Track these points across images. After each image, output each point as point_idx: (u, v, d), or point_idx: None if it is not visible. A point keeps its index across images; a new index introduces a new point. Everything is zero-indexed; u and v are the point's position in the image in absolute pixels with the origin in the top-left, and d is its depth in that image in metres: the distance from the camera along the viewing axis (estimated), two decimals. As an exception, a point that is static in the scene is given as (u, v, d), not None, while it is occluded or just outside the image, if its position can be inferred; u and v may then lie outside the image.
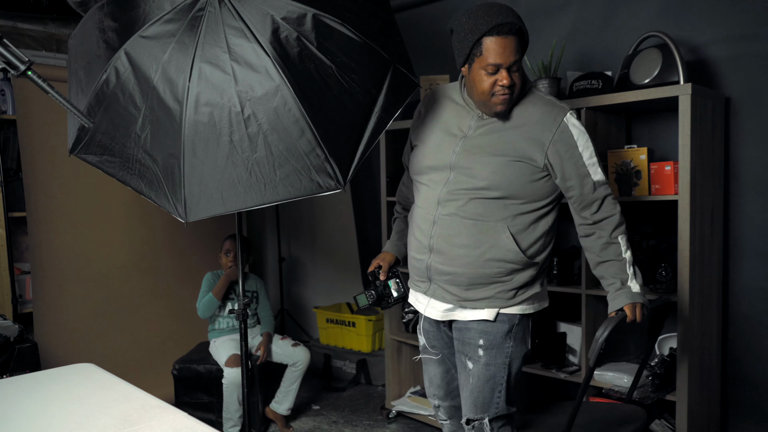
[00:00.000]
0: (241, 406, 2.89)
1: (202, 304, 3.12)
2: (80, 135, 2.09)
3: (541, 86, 2.58)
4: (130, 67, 1.94)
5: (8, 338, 2.57)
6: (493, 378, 1.78)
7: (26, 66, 1.29)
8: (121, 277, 3.44)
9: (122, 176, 2.04)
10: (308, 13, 1.88)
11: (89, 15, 2.09)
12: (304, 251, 4.51)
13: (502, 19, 1.66)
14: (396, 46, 2.07)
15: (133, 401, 1.52)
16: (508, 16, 1.67)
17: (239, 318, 2.41)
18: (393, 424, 3.20)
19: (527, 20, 3.13)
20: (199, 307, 3.13)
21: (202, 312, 3.13)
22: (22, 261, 3.54)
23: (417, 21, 3.57)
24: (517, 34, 1.68)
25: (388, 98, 1.99)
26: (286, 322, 4.42)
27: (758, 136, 2.39)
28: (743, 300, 2.47)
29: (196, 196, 1.92)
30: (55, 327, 3.20)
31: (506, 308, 1.78)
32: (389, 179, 3.23)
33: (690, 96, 2.13)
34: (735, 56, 2.42)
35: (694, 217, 2.19)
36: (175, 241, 3.64)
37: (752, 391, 2.45)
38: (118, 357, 3.37)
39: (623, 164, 2.35)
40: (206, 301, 3.11)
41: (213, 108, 1.88)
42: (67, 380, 1.72)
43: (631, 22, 2.68)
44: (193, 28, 1.89)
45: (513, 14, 1.69)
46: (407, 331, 3.27)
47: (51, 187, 3.19)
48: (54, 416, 1.45)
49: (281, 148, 1.87)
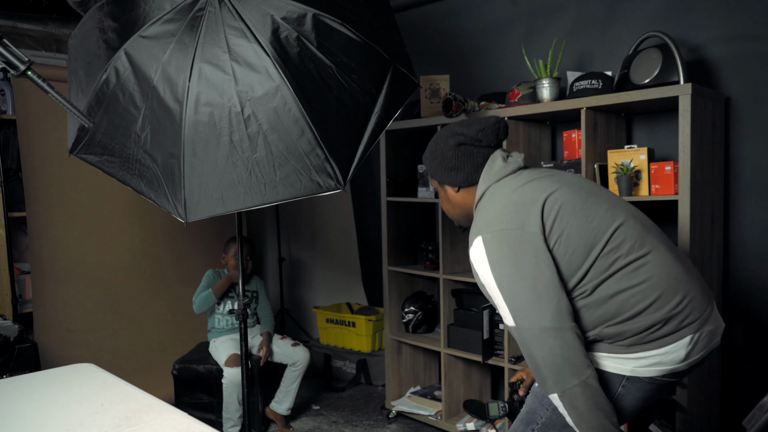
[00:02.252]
0: (240, 405, 2.88)
1: (199, 298, 3.11)
2: (80, 135, 2.09)
3: (542, 86, 2.58)
4: (130, 67, 1.94)
5: (8, 338, 2.57)
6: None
7: (26, 66, 1.29)
8: (121, 277, 3.44)
9: (122, 176, 2.04)
10: (308, 13, 1.88)
11: (89, 15, 2.09)
12: (304, 251, 4.51)
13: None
14: (396, 46, 2.07)
15: (133, 401, 1.52)
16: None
17: (239, 318, 2.41)
18: (393, 424, 3.20)
19: (527, 20, 3.16)
20: (195, 301, 3.12)
21: (197, 306, 3.12)
22: (22, 261, 3.54)
23: (417, 21, 3.57)
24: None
25: (388, 98, 1.99)
26: (286, 322, 4.42)
27: (758, 136, 2.39)
28: (743, 300, 2.47)
29: (196, 196, 1.92)
30: (55, 327, 3.20)
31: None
32: (389, 179, 3.23)
33: (690, 96, 2.13)
34: (735, 56, 2.42)
35: (694, 217, 2.19)
36: (175, 241, 3.64)
37: (752, 391, 2.44)
38: (118, 357, 3.37)
39: (623, 164, 2.35)
40: (204, 296, 3.10)
41: (213, 108, 1.88)
42: (67, 380, 1.72)
43: (631, 22, 2.68)
44: (193, 28, 1.90)
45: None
46: (407, 331, 3.28)
47: (51, 187, 3.19)
48: (54, 416, 1.45)
49: (281, 148, 1.87)
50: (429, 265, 3.18)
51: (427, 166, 1.76)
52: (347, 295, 4.22)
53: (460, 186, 1.69)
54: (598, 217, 1.50)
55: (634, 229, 1.50)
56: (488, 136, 1.66)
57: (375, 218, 3.83)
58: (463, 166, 1.67)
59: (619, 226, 1.49)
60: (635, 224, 1.52)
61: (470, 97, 2.99)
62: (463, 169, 1.67)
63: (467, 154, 1.67)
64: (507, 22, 3.16)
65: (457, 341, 2.97)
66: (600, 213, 1.51)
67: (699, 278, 1.56)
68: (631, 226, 1.51)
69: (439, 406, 3.13)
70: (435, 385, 3.44)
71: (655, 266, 1.47)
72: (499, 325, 2.80)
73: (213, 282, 3.15)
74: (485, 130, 1.66)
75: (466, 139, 1.66)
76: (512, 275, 1.47)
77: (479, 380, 3.21)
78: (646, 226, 1.55)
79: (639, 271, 1.46)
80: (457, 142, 1.67)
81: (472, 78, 3.28)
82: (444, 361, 3.01)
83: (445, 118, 2.82)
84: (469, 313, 2.96)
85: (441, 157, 1.70)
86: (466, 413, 3.04)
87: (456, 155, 1.67)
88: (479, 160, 1.67)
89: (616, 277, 1.46)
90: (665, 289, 1.46)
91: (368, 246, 4.06)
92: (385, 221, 3.24)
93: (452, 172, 1.69)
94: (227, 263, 3.20)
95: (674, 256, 1.52)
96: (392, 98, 2.00)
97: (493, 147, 1.69)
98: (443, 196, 1.77)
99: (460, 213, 1.75)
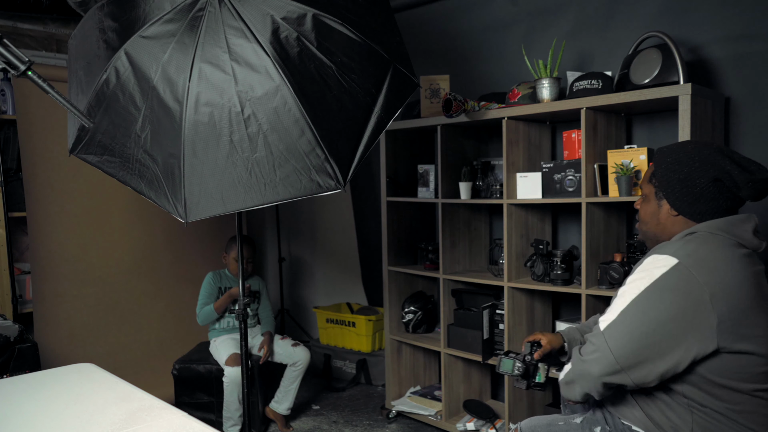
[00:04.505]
0: (241, 405, 2.89)
1: (202, 313, 3.14)
2: (80, 135, 2.09)
3: (542, 86, 2.58)
4: (130, 67, 1.94)
5: (8, 338, 2.57)
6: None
7: (26, 66, 1.29)
8: (121, 277, 3.44)
9: (122, 176, 2.04)
10: (308, 13, 1.88)
11: (89, 15, 2.09)
12: (304, 251, 4.51)
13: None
14: (396, 46, 2.07)
15: (133, 401, 1.52)
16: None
17: (239, 318, 2.41)
18: (393, 424, 3.20)
19: (527, 20, 3.16)
20: (198, 315, 3.15)
21: (201, 321, 3.16)
22: (22, 261, 3.54)
23: (417, 21, 3.57)
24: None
25: (388, 98, 1.99)
26: (286, 322, 4.42)
27: (758, 136, 2.39)
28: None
29: (196, 196, 1.92)
30: (55, 327, 3.20)
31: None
32: (389, 179, 3.23)
33: (690, 96, 2.12)
34: (735, 56, 2.42)
35: (694, 217, 2.19)
36: (175, 241, 3.64)
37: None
38: (118, 357, 3.37)
39: (623, 164, 2.35)
40: (206, 313, 3.13)
41: (213, 108, 1.88)
42: (67, 380, 1.73)
43: (631, 22, 2.68)
44: (193, 28, 1.90)
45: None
46: (407, 331, 3.28)
47: (51, 187, 3.19)
48: (54, 416, 1.45)
49: (281, 148, 1.87)
50: (429, 265, 3.18)
51: (660, 172, 1.55)
52: (347, 295, 4.22)
53: (683, 214, 1.52)
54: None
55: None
56: (755, 190, 1.46)
57: (375, 218, 3.83)
58: (705, 203, 1.48)
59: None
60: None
61: (470, 97, 2.99)
62: (702, 204, 1.49)
63: (719, 194, 1.47)
64: (507, 22, 3.16)
65: (457, 341, 2.97)
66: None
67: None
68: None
69: (439, 406, 3.13)
70: (435, 385, 3.44)
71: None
72: (499, 325, 2.80)
73: (213, 287, 3.16)
74: (756, 184, 1.45)
75: (728, 180, 1.46)
76: (648, 309, 1.39)
77: (479, 380, 3.21)
78: None
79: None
80: (716, 177, 1.46)
81: (472, 78, 3.28)
82: (444, 361, 3.01)
83: (445, 118, 2.83)
84: (469, 313, 2.96)
85: (686, 179, 1.49)
86: (466, 413, 3.05)
87: (706, 188, 1.47)
88: (724, 206, 1.48)
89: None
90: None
91: (368, 246, 4.06)
92: (385, 221, 3.24)
93: (688, 199, 1.50)
94: (228, 263, 3.21)
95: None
96: (392, 98, 2.00)
97: (743, 202, 1.50)
98: (651, 207, 1.59)
99: (657, 233, 1.59)
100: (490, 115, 2.71)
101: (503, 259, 2.76)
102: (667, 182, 1.53)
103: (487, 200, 2.82)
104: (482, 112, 2.74)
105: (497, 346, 2.81)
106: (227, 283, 3.21)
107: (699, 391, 1.40)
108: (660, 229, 1.58)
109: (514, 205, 2.71)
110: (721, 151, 1.49)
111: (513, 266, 2.72)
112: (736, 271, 1.38)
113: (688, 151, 1.52)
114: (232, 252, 3.17)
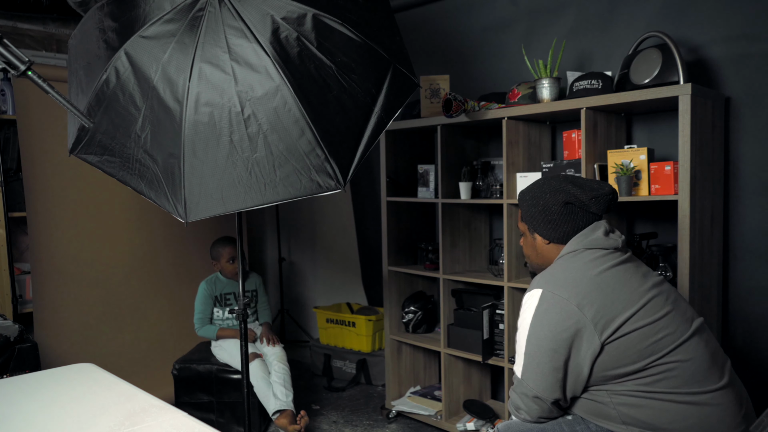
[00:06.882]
0: (270, 387, 2.91)
1: (203, 330, 3.14)
2: (80, 135, 2.09)
3: (542, 86, 2.58)
4: (130, 67, 1.94)
5: (8, 338, 2.57)
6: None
7: (26, 66, 1.29)
8: (121, 276, 3.44)
9: (122, 176, 2.04)
10: (308, 13, 1.88)
11: (89, 15, 2.09)
12: (304, 251, 4.50)
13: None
14: (396, 46, 2.07)
15: (133, 401, 1.53)
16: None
17: (239, 318, 2.41)
18: (393, 424, 3.20)
19: (527, 20, 3.16)
20: (198, 329, 3.15)
21: (201, 335, 3.17)
22: (22, 261, 3.54)
23: (417, 21, 3.57)
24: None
25: (388, 98, 1.99)
26: (286, 322, 4.43)
27: (758, 136, 2.39)
28: (743, 300, 2.47)
29: (196, 196, 1.92)
30: (55, 327, 3.20)
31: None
32: (389, 179, 3.23)
33: (690, 96, 2.12)
34: (735, 56, 2.42)
35: (694, 217, 2.19)
36: (175, 241, 3.64)
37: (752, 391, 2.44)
38: (118, 357, 3.37)
39: (623, 164, 2.35)
40: (208, 332, 3.13)
41: (213, 108, 1.88)
42: (67, 380, 1.73)
43: (631, 22, 2.68)
44: (193, 28, 1.90)
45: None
46: (407, 331, 3.28)
47: (51, 187, 3.19)
48: (54, 416, 1.45)
49: (281, 148, 1.87)
50: (429, 265, 3.18)
51: (524, 210, 1.75)
52: (347, 295, 4.22)
53: (552, 241, 1.70)
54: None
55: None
56: (600, 204, 1.65)
57: (375, 218, 3.83)
58: (564, 225, 1.67)
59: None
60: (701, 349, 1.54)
61: (470, 97, 2.99)
62: (562, 227, 1.67)
63: (572, 215, 1.66)
64: (507, 22, 3.16)
65: (457, 341, 2.97)
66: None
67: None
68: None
69: (439, 406, 3.13)
70: (435, 385, 3.44)
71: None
72: (499, 325, 2.80)
73: (208, 297, 3.14)
74: (599, 199, 1.65)
75: (576, 201, 1.65)
76: (540, 338, 1.55)
77: (479, 380, 3.21)
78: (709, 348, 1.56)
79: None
80: (566, 201, 1.66)
81: (472, 78, 3.28)
82: (444, 361, 3.01)
83: (445, 118, 2.83)
84: (469, 313, 2.96)
85: (544, 210, 1.69)
86: (466, 413, 3.05)
87: (561, 212, 1.67)
88: (581, 224, 1.66)
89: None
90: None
91: (368, 246, 4.06)
92: (385, 221, 3.24)
93: (550, 226, 1.69)
94: (221, 268, 3.18)
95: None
96: (392, 98, 2.00)
97: (599, 216, 1.68)
98: (529, 242, 1.78)
99: (540, 263, 1.76)
100: (490, 115, 2.71)
101: (503, 259, 2.76)
102: (531, 217, 1.73)
103: (487, 200, 2.82)
104: (482, 112, 2.74)
105: (497, 346, 2.82)
106: (223, 288, 3.19)
107: (609, 384, 1.54)
108: (541, 259, 1.76)
109: (514, 205, 2.71)
110: (566, 179, 1.70)
111: (513, 266, 2.72)
112: (591, 277, 1.55)
113: (540, 186, 1.73)
114: (221, 257, 3.15)
